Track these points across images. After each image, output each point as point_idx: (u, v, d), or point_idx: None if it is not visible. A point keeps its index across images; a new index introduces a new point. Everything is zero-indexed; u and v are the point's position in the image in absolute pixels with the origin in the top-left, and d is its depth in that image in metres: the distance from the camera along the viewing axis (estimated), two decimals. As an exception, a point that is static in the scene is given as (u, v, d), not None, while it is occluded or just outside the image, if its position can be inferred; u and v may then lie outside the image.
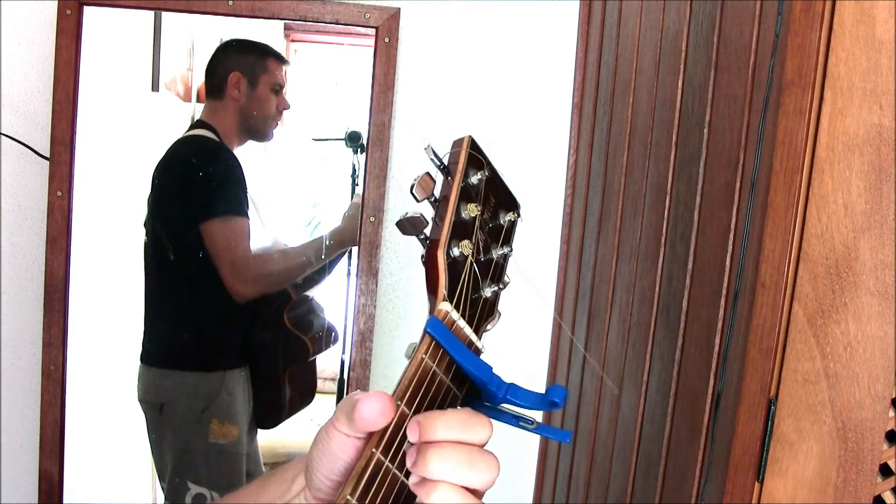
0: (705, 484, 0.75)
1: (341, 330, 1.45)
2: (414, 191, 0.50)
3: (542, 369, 1.42)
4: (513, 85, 1.37)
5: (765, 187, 0.68)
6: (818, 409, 0.68)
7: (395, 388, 0.46)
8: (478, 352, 0.51)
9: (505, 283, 0.54)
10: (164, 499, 1.42)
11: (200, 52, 1.41)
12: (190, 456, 1.41)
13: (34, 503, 1.34)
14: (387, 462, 0.44)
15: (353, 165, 1.43)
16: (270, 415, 1.47)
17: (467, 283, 0.50)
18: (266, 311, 1.43)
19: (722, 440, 0.72)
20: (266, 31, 1.40)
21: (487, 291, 0.52)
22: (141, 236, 1.39)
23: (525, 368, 1.41)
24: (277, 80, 1.40)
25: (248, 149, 1.41)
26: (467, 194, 0.51)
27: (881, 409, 0.67)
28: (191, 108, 1.42)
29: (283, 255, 1.46)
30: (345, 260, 1.44)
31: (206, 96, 1.40)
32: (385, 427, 0.45)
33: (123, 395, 1.41)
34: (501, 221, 0.55)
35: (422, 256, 0.51)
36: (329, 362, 1.49)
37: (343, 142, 1.42)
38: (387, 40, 1.30)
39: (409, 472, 0.45)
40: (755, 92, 0.73)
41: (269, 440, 1.49)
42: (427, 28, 1.35)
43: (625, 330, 1.06)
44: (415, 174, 0.50)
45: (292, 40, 1.46)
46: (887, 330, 0.66)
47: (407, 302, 1.40)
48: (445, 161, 0.52)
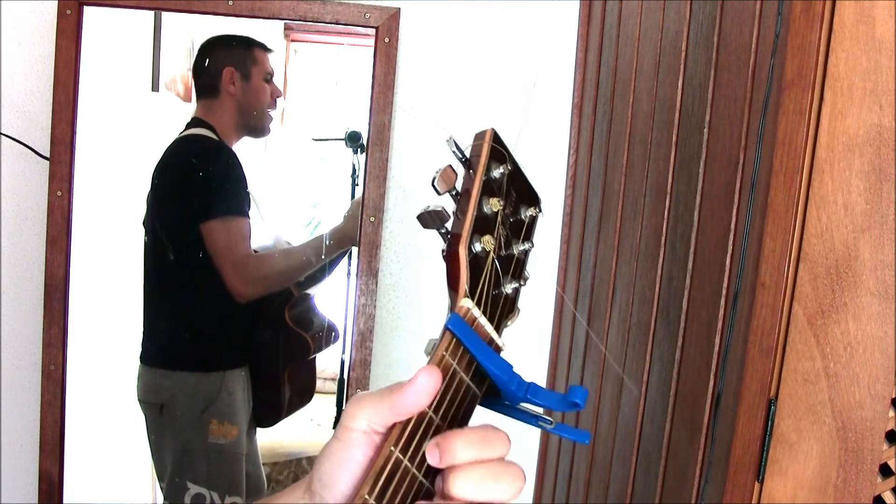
0: (705, 484, 0.75)
1: (341, 330, 1.45)
2: (435, 183, 0.48)
3: (543, 369, 1.42)
4: (513, 85, 1.38)
5: (765, 187, 0.68)
6: (818, 409, 0.68)
7: None
8: (498, 350, 0.49)
9: (525, 280, 0.53)
10: (163, 499, 1.41)
11: (200, 52, 1.41)
12: (189, 456, 1.41)
13: (34, 503, 1.34)
14: (405, 461, 0.44)
15: (353, 165, 1.43)
16: (269, 414, 1.47)
17: (488, 280, 0.49)
18: (267, 308, 1.43)
19: (722, 440, 0.72)
20: (266, 31, 1.40)
21: (508, 288, 0.51)
22: (141, 236, 1.39)
23: (525, 368, 1.41)
24: (268, 69, 1.41)
25: (248, 149, 1.41)
26: (489, 188, 0.50)
27: (881, 409, 0.67)
28: (191, 108, 1.42)
29: (283, 254, 1.46)
30: (345, 260, 1.44)
31: (199, 96, 1.40)
32: (403, 426, 0.44)
33: (123, 395, 1.41)
34: (523, 216, 0.54)
35: (442, 251, 0.49)
36: (329, 362, 1.49)
37: (343, 142, 1.42)
38: (387, 40, 1.30)
39: (426, 471, 0.44)
40: (755, 92, 0.73)
41: (268, 440, 1.49)
42: (427, 28, 1.35)
43: (625, 330, 1.06)
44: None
45: (292, 40, 1.46)
46: (887, 330, 0.66)
47: (407, 302, 1.40)
48: (468, 154, 0.51)
